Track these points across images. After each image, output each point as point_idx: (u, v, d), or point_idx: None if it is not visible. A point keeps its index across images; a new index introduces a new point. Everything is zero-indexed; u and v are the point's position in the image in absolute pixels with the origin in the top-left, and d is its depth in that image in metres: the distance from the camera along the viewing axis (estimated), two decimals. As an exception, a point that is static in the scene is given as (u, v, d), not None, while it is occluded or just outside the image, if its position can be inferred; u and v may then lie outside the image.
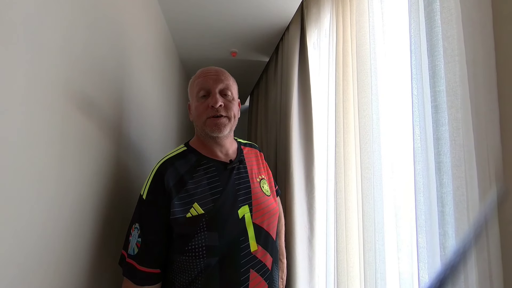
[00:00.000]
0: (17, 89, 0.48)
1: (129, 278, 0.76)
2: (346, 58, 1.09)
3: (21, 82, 0.49)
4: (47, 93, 0.56)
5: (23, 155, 0.50)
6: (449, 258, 0.58)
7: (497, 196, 0.50)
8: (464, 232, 0.56)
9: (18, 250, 0.49)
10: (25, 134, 0.50)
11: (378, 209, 0.88)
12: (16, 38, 0.48)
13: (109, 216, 0.87)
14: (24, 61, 0.50)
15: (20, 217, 0.50)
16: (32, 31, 0.52)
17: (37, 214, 0.54)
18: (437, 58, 0.64)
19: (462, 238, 0.56)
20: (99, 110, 0.81)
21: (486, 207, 0.51)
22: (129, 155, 1.06)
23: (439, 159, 0.63)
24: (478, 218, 0.53)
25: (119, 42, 0.97)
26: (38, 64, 0.53)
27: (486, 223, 0.51)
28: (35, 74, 0.52)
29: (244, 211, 0.83)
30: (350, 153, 1.05)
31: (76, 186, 0.68)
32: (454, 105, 0.59)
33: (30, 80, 0.51)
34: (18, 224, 0.49)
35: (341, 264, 1.05)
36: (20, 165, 0.49)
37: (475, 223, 0.53)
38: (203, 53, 2.37)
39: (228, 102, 0.87)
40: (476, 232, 0.52)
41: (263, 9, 1.67)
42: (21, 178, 0.50)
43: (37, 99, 0.53)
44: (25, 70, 0.50)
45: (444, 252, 0.61)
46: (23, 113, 0.50)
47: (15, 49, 0.48)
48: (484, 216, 0.51)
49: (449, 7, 0.60)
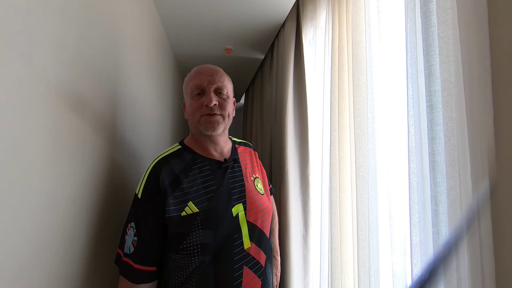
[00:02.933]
0: (9, 89, 0.47)
1: (125, 276, 0.75)
2: (341, 56, 1.09)
3: (13, 82, 0.48)
4: (39, 93, 0.55)
5: (16, 155, 0.49)
6: (440, 249, 0.59)
7: (489, 189, 0.51)
8: (456, 223, 0.56)
9: (13, 251, 0.49)
10: (17, 134, 0.49)
11: (372, 208, 0.89)
12: (8, 38, 0.46)
13: (105, 215, 0.87)
14: (16, 61, 0.49)
15: (14, 218, 0.49)
16: (24, 30, 0.50)
17: (31, 214, 0.53)
18: (432, 57, 0.64)
19: (453, 230, 0.57)
20: (93, 109, 0.79)
21: (478, 199, 0.52)
22: (123, 154, 1.05)
23: (434, 159, 0.63)
24: (470, 209, 0.53)
25: (112, 39, 0.95)
26: (30, 64, 0.52)
27: (478, 214, 0.51)
28: (27, 74, 0.51)
29: (238, 209, 0.83)
30: (345, 152, 1.06)
31: (70, 186, 0.67)
32: (449, 105, 0.59)
33: (22, 80, 0.50)
34: (12, 225, 0.48)
35: (335, 261, 1.05)
36: (13, 166, 0.48)
37: (467, 214, 0.54)
38: (197, 49, 2.35)
39: (223, 101, 0.87)
40: (468, 223, 0.52)
41: (259, 5, 1.66)
42: (14, 179, 0.49)
43: (30, 99, 0.52)
44: (17, 70, 0.49)
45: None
46: (16, 113, 0.49)
47: (7, 48, 0.46)
48: (476, 207, 0.52)
49: (445, 7, 0.60)
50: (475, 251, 0.52)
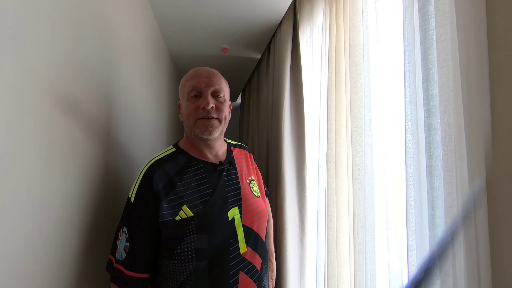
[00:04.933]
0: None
1: (117, 283, 0.74)
2: (338, 58, 1.08)
3: (4, 83, 0.47)
4: (31, 95, 0.54)
5: (7, 158, 0.48)
6: (435, 249, 0.59)
7: (485, 191, 0.51)
8: (452, 223, 0.56)
9: (3, 256, 0.47)
10: (8, 136, 0.48)
11: (369, 211, 0.88)
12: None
13: (97, 219, 0.85)
14: (7, 61, 0.47)
15: (4, 222, 0.48)
16: (16, 30, 0.49)
17: (22, 219, 0.52)
18: (430, 61, 0.63)
19: (449, 230, 0.56)
20: (86, 111, 0.78)
21: (475, 200, 0.52)
22: (117, 157, 1.04)
23: (431, 163, 0.63)
24: (466, 210, 0.53)
25: (106, 39, 0.93)
26: (22, 65, 0.51)
27: (474, 214, 0.51)
28: (18, 75, 0.50)
29: (233, 213, 0.82)
30: (342, 154, 1.05)
31: (63, 190, 0.66)
32: (447, 109, 0.59)
33: (14, 81, 0.49)
34: (2, 230, 0.47)
35: (331, 264, 1.05)
36: (3, 169, 0.47)
37: (463, 214, 0.53)
38: (193, 49, 2.33)
39: (220, 104, 0.86)
40: (464, 223, 0.52)
41: (255, 4, 1.64)
42: (4, 182, 0.47)
43: (21, 100, 0.51)
44: (8, 71, 0.47)
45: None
46: (6, 115, 0.47)
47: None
48: (473, 208, 0.51)
49: (444, 11, 0.59)
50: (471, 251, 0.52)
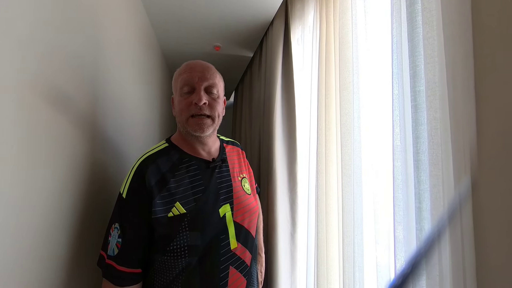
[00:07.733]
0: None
1: (109, 279, 0.73)
2: (329, 55, 1.10)
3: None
4: (11, 88, 0.51)
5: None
6: (422, 244, 0.61)
7: (470, 186, 0.53)
8: (438, 219, 0.58)
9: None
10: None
11: (358, 205, 0.90)
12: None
13: (86, 215, 0.84)
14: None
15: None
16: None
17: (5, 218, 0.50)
18: (417, 58, 0.65)
19: (435, 225, 0.58)
20: (73, 106, 0.76)
21: (460, 196, 0.53)
22: (106, 152, 1.02)
23: (418, 157, 0.65)
24: (452, 205, 0.55)
25: (94, 32, 0.91)
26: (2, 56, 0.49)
27: (460, 210, 0.53)
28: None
29: (225, 209, 0.82)
30: (331, 150, 1.07)
31: (48, 186, 0.64)
32: (433, 105, 0.61)
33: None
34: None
35: (321, 257, 1.07)
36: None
37: (449, 210, 0.55)
38: (185, 46, 2.31)
39: (213, 101, 0.84)
40: (450, 218, 0.54)
41: (247, 2, 1.65)
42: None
43: (1, 93, 0.49)
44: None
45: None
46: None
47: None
48: (458, 203, 0.53)
49: (430, 9, 0.61)
50: (457, 246, 0.54)
